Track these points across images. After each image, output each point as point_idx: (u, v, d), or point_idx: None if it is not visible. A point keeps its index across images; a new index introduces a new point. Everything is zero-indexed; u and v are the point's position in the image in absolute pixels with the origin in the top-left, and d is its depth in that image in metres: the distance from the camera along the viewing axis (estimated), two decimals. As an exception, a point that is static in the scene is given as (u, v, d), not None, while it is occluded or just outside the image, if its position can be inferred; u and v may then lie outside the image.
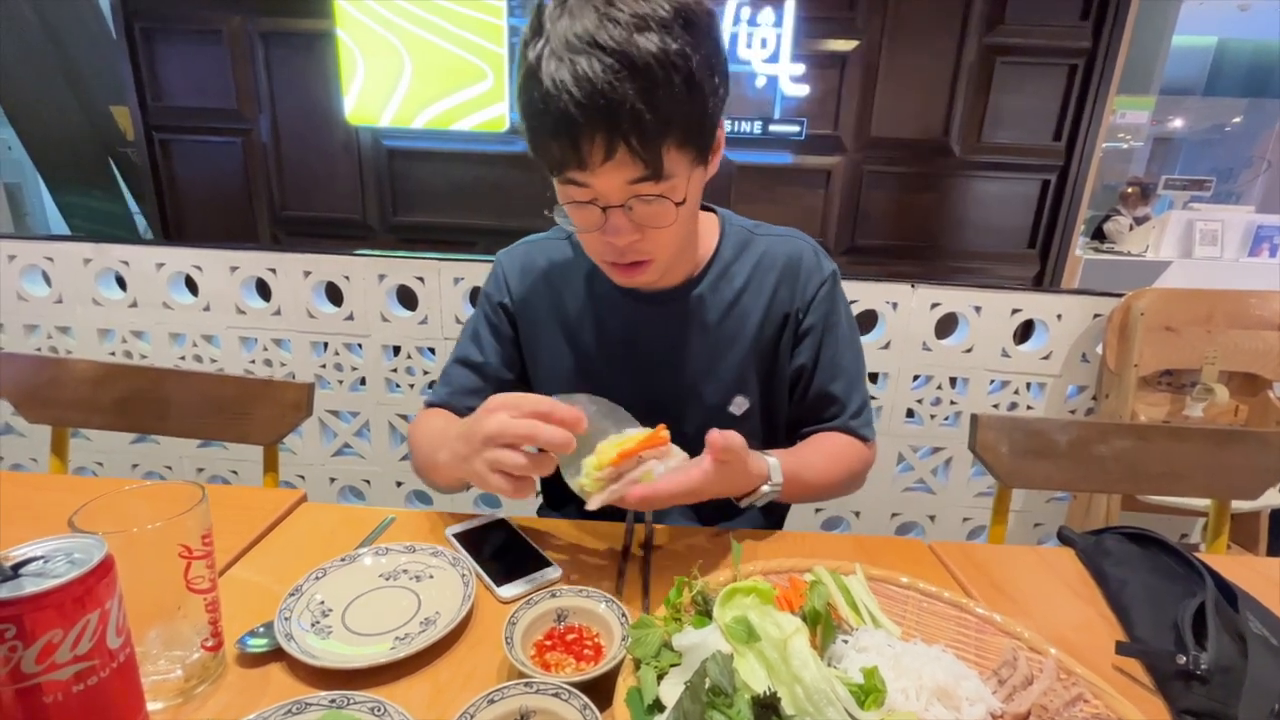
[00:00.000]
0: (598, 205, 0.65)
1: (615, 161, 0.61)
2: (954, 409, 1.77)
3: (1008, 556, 0.74)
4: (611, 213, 0.65)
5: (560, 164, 0.63)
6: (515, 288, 0.85)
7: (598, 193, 0.64)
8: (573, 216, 0.69)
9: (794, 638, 0.44)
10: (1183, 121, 6.84)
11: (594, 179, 0.63)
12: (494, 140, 2.83)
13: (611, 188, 0.63)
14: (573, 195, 0.66)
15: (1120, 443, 0.93)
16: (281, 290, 1.77)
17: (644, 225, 0.67)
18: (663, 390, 0.82)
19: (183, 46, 2.82)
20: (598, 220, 0.66)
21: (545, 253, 0.86)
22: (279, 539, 0.71)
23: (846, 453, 0.83)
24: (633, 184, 0.63)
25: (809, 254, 0.83)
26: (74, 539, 0.39)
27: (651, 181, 0.63)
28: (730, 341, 0.81)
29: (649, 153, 0.60)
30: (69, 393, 1.02)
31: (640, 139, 0.59)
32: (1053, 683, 0.49)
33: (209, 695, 0.49)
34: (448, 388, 0.85)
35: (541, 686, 0.46)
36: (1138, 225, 3.88)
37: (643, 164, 0.61)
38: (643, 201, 0.65)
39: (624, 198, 0.64)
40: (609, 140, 0.59)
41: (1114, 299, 1.62)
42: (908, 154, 2.78)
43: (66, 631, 0.36)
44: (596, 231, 0.68)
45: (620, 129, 0.59)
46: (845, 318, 0.84)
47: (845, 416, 0.84)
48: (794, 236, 0.85)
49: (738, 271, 0.82)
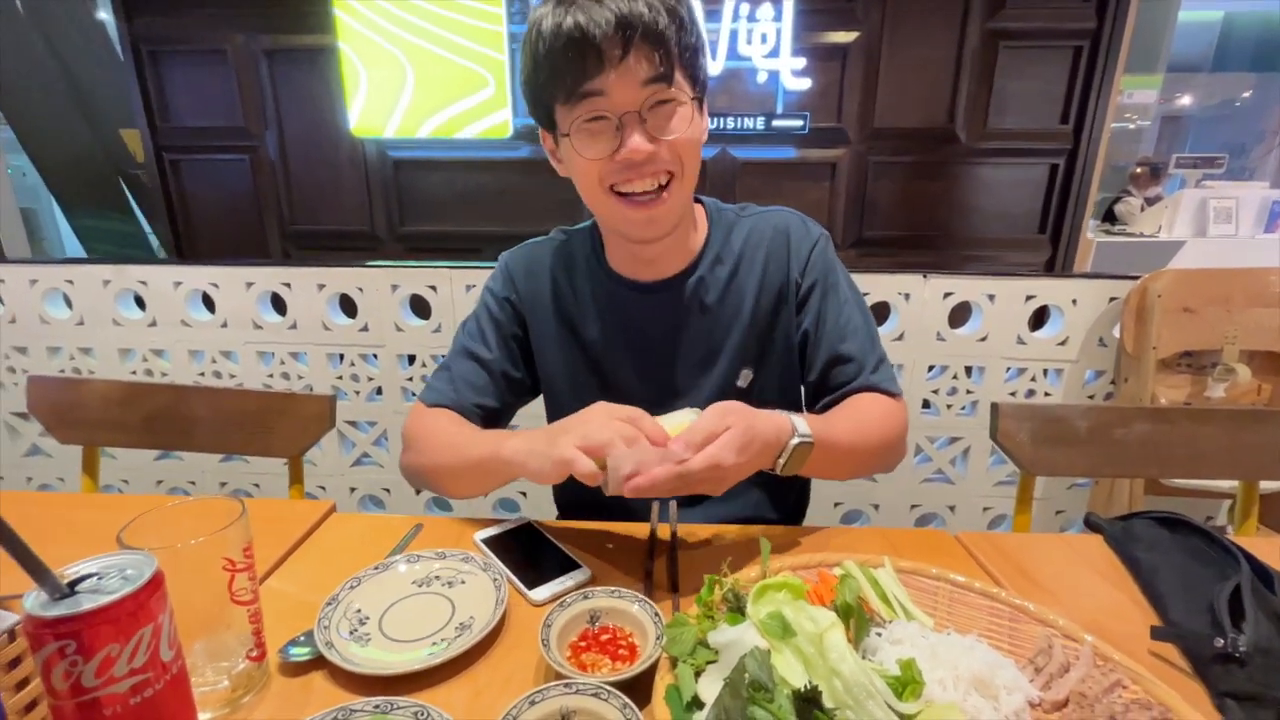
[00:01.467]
0: (613, 119, 0.66)
1: (632, 57, 0.64)
2: (970, 398, 1.76)
3: (1035, 544, 0.73)
4: (628, 122, 0.66)
5: (577, 76, 0.65)
6: (522, 285, 0.86)
7: (612, 102, 0.66)
8: (583, 144, 0.69)
9: (830, 632, 0.45)
10: (1191, 99, 6.75)
11: (610, 83, 0.65)
12: (498, 147, 2.84)
13: (627, 90, 0.65)
14: (585, 111, 0.67)
15: (1143, 426, 0.93)
16: (297, 304, 1.79)
17: (660, 136, 0.68)
18: (669, 375, 0.84)
19: (188, 67, 2.86)
20: (612, 141, 0.67)
21: (548, 252, 0.87)
22: (311, 549, 0.72)
23: (875, 411, 0.79)
24: (647, 84, 0.65)
25: (795, 223, 0.84)
26: (125, 556, 0.40)
27: (664, 83, 0.66)
28: (730, 319, 0.82)
29: (663, 48, 0.64)
30: (98, 413, 1.04)
31: (655, 36, 0.64)
32: (1090, 669, 0.49)
33: (255, 705, 0.50)
34: (452, 385, 0.83)
35: (581, 687, 0.46)
36: (1149, 206, 3.84)
37: (658, 58, 0.64)
38: (656, 109, 0.67)
39: (639, 101, 0.66)
40: (625, 36, 0.63)
41: (1130, 281, 1.61)
42: (913, 143, 2.76)
43: (123, 646, 0.37)
44: (611, 162, 0.69)
45: (634, 25, 0.63)
46: (844, 278, 0.84)
47: (865, 374, 0.81)
48: (779, 211, 0.86)
49: (729, 252, 0.83)
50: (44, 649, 0.35)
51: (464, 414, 0.82)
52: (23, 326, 1.86)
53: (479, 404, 0.83)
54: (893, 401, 0.81)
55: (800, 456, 0.66)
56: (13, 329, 1.86)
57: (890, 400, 0.81)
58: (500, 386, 0.85)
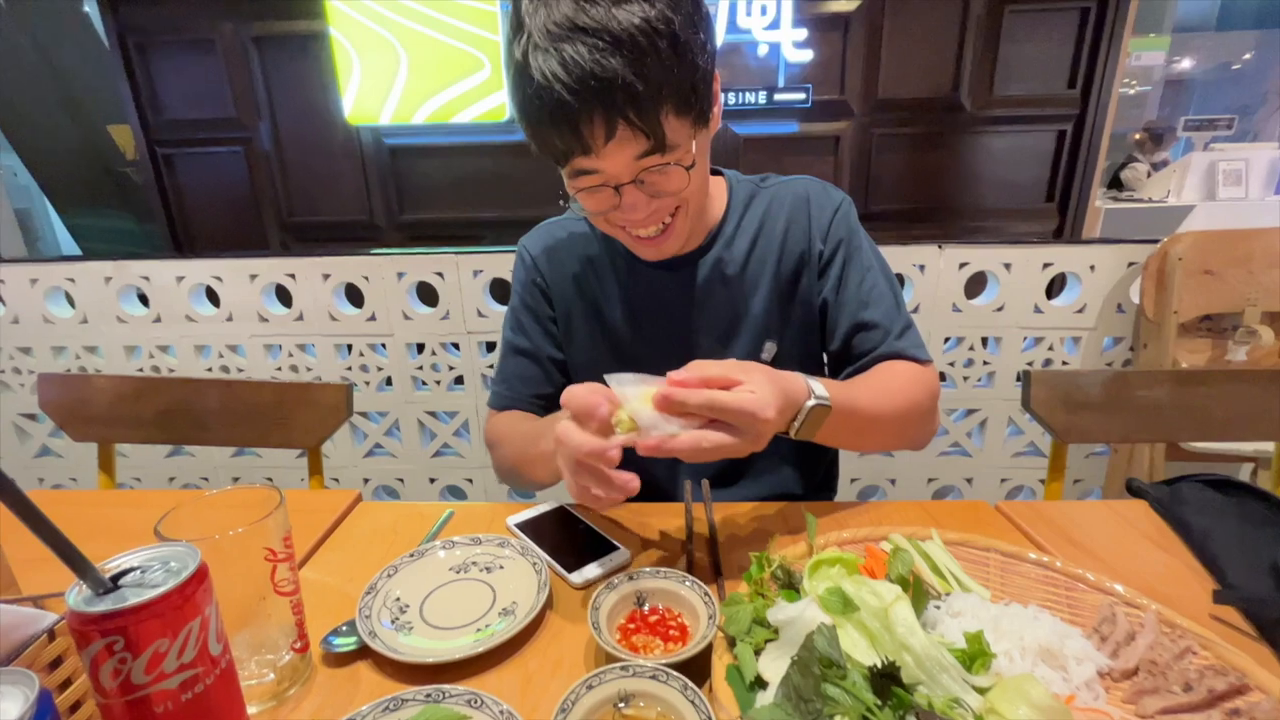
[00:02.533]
0: (609, 186, 0.65)
1: (618, 140, 0.60)
2: (987, 369, 1.75)
3: (1080, 512, 0.72)
4: (625, 190, 0.65)
5: (565, 153, 0.63)
6: (544, 266, 0.85)
7: (607, 175, 0.64)
8: (586, 204, 0.68)
9: (896, 605, 0.43)
10: (1192, 61, 6.64)
11: (600, 161, 0.63)
12: (495, 130, 2.79)
13: (619, 166, 0.63)
14: (582, 184, 0.66)
15: (1179, 390, 0.91)
16: (302, 295, 1.77)
17: (659, 194, 0.67)
18: (692, 352, 0.81)
19: (177, 59, 2.80)
20: (611, 201, 0.66)
21: (565, 231, 0.86)
22: (342, 539, 0.71)
23: (901, 377, 0.76)
24: (639, 159, 0.63)
25: (815, 189, 0.82)
26: (166, 548, 0.39)
27: (657, 154, 0.63)
28: (752, 291, 0.81)
29: (649, 124, 0.60)
30: (110, 409, 1.02)
31: (638, 112, 0.59)
32: (1158, 636, 0.48)
33: (302, 697, 0.49)
34: (507, 385, 0.86)
35: (638, 669, 0.45)
36: (1156, 171, 3.78)
37: (645, 137, 0.61)
38: (653, 174, 0.64)
39: (633, 174, 0.64)
40: (607, 119, 0.59)
41: (1149, 246, 1.58)
42: (917, 114, 2.72)
43: (172, 641, 0.35)
44: (613, 212, 0.68)
45: (616, 105, 0.58)
46: (866, 243, 0.82)
47: (889, 340, 0.77)
48: (799, 179, 0.84)
49: (748, 224, 0.81)
50: (91, 646, 0.34)
51: (527, 409, 0.83)
52: (26, 327, 1.84)
53: (536, 395, 0.84)
54: (920, 368, 0.77)
55: (816, 420, 0.62)
56: (15, 329, 1.84)
57: (918, 366, 0.77)
58: (551, 373, 0.85)
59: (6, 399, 1.90)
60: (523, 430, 0.79)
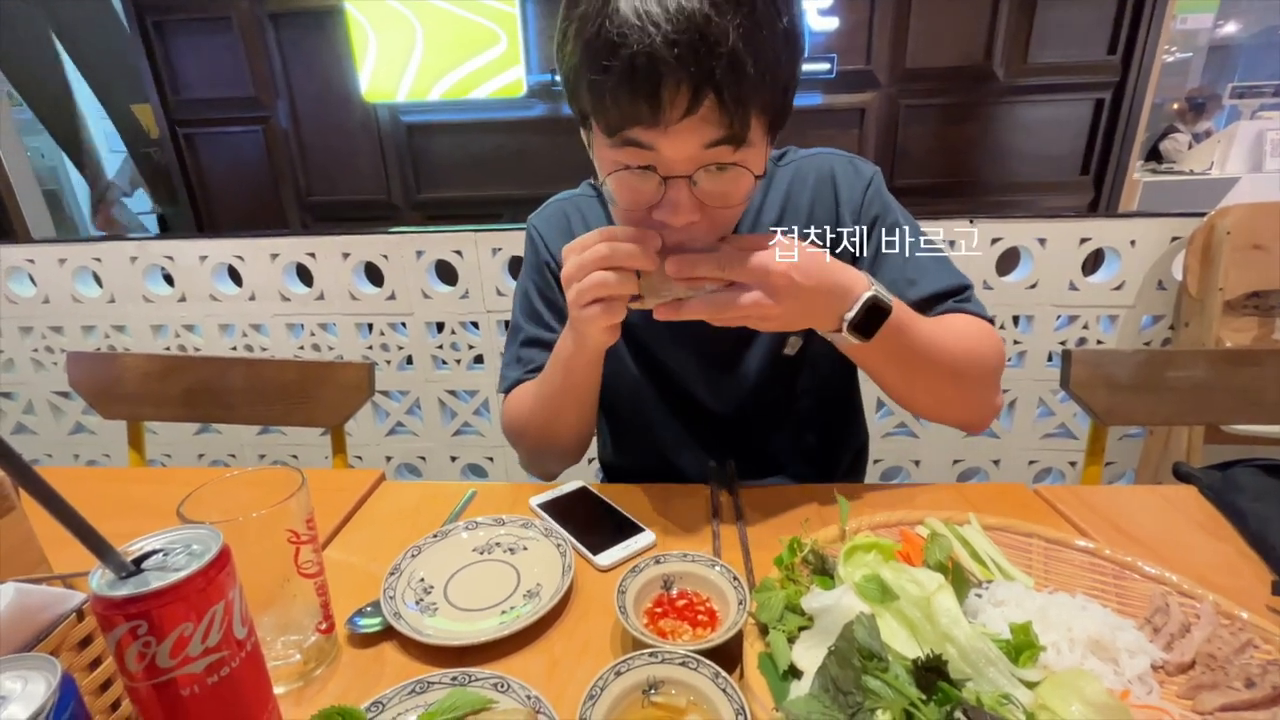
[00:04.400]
0: (656, 174, 0.54)
1: (698, 116, 0.50)
2: (1018, 349, 1.69)
3: (1124, 497, 0.69)
4: (673, 184, 0.54)
5: (625, 119, 0.52)
6: (555, 248, 0.81)
7: (661, 158, 0.53)
8: (620, 191, 0.57)
9: (938, 594, 0.41)
10: (1238, 25, 6.28)
11: (663, 139, 0.52)
12: (513, 106, 2.75)
13: (682, 151, 0.53)
14: (626, 160, 0.55)
15: (1228, 371, 0.87)
16: (323, 274, 1.77)
17: (707, 204, 0.56)
18: (712, 347, 0.78)
19: (195, 37, 2.79)
20: (652, 194, 0.55)
21: (576, 209, 0.81)
22: (365, 519, 0.71)
23: (968, 327, 0.68)
24: (709, 148, 0.53)
25: (841, 164, 0.76)
26: (188, 530, 0.38)
27: (730, 147, 0.53)
28: None
29: (739, 110, 0.50)
30: (138, 387, 1.03)
31: (733, 91, 0.49)
32: (1215, 629, 0.45)
33: (328, 677, 0.48)
34: (521, 369, 0.81)
35: (667, 656, 0.44)
36: (1198, 142, 3.62)
37: (728, 123, 0.51)
38: (713, 173, 0.54)
39: (693, 165, 0.53)
40: (696, 88, 0.49)
41: (1194, 219, 1.51)
42: (947, 83, 2.61)
43: (196, 625, 0.35)
44: (645, 211, 0.57)
45: (714, 75, 0.48)
46: (903, 216, 0.75)
47: (950, 300, 0.70)
48: (822, 153, 0.77)
49: (770, 206, 0.76)
50: (115, 630, 0.33)
51: None
52: (56, 306, 1.87)
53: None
54: (987, 325, 0.70)
55: (873, 320, 0.57)
56: (47, 309, 1.87)
57: (984, 323, 0.70)
58: None
59: (40, 377, 1.94)
60: (533, 388, 0.75)
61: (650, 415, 0.83)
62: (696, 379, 0.80)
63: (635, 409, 0.83)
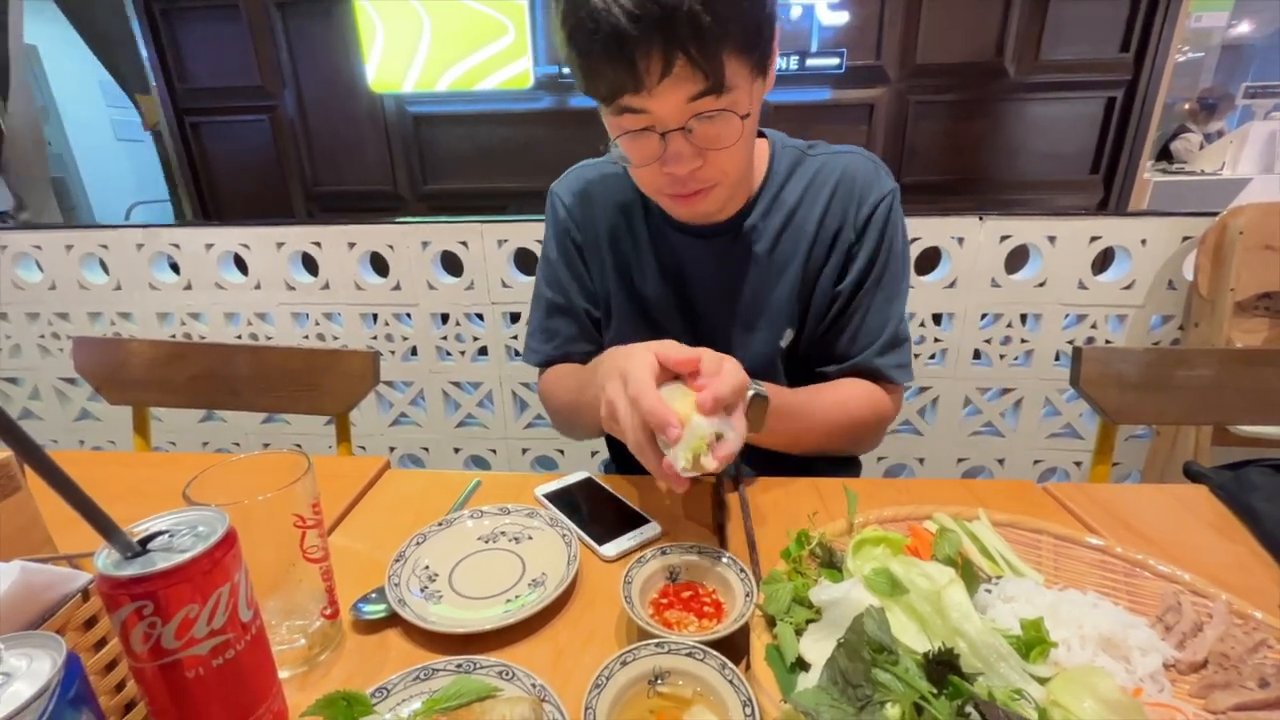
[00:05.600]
0: (655, 131, 0.61)
1: (674, 76, 0.56)
2: (1025, 348, 1.68)
3: (1134, 496, 0.68)
4: (671, 137, 0.61)
5: (614, 89, 0.58)
6: (577, 217, 0.81)
7: (655, 117, 0.60)
8: (628, 150, 0.64)
9: (949, 589, 0.41)
10: (1251, 25, 6.20)
11: (651, 101, 0.58)
12: (520, 98, 2.74)
13: (670, 108, 0.59)
14: (627, 125, 0.62)
15: (1241, 370, 0.86)
16: (328, 263, 1.77)
17: (706, 148, 0.62)
18: (715, 326, 0.79)
19: (202, 25, 2.78)
20: (656, 150, 0.62)
21: (600, 179, 0.82)
22: (370, 506, 0.71)
23: (862, 398, 0.76)
24: (693, 101, 0.58)
25: (867, 168, 0.76)
26: (194, 512, 0.38)
27: (712, 95, 0.58)
28: (783, 270, 0.76)
29: (710, 62, 0.56)
30: (144, 373, 1.03)
31: (699, 47, 0.55)
32: (1229, 628, 0.45)
33: (333, 662, 0.48)
34: (549, 341, 0.83)
35: (674, 646, 0.44)
36: (1209, 142, 3.59)
37: (703, 76, 0.57)
38: (704, 120, 0.60)
39: (684, 118, 0.60)
40: (666, 52, 0.55)
41: (1206, 219, 1.49)
42: (957, 80, 2.59)
43: (202, 606, 0.34)
44: (654, 164, 0.63)
45: (678, 38, 0.54)
46: (901, 242, 0.77)
47: (871, 352, 0.76)
48: (852, 152, 0.78)
49: (789, 194, 0.76)
50: (121, 610, 0.33)
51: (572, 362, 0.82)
52: (63, 293, 1.87)
53: (582, 352, 0.82)
54: (883, 395, 0.77)
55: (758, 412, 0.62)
56: (53, 295, 1.87)
57: (880, 393, 0.77)
58: (588, 329, 0.83)
59: (47, 363, 1.95)
60: (572, 383, 0.77)
61: None
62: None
63: None
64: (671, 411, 0.51)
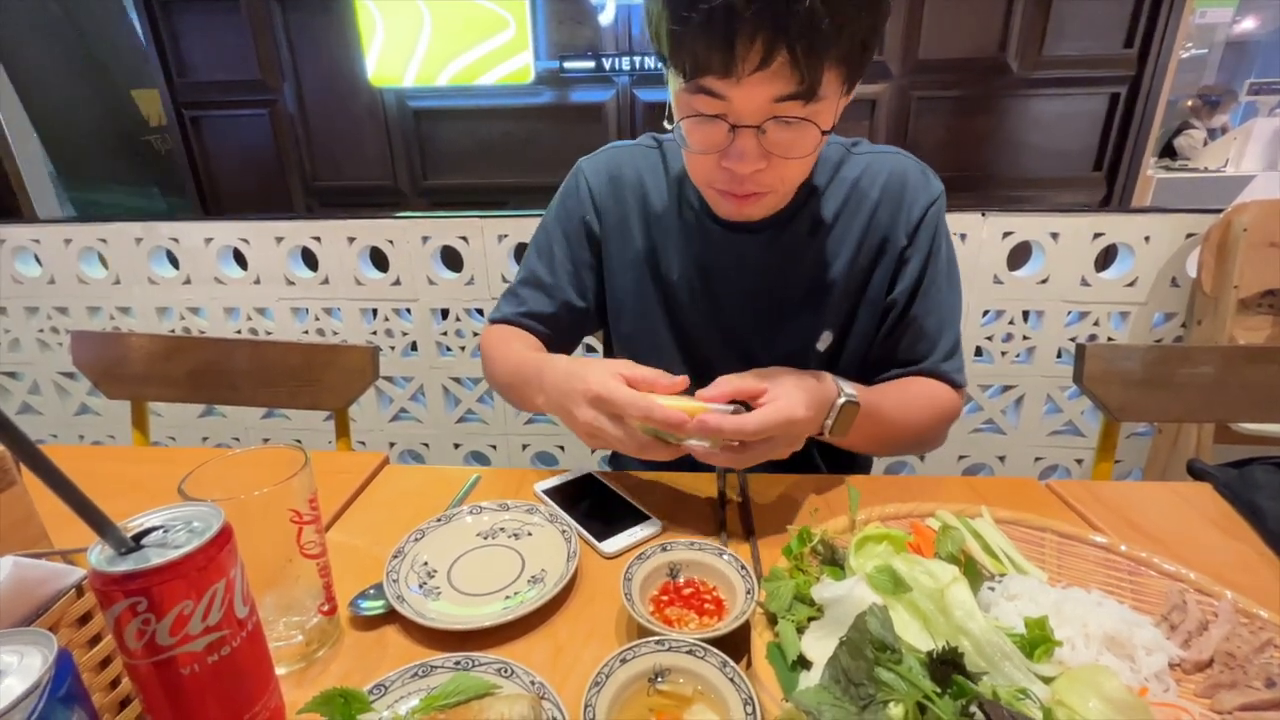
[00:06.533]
0: (727, 122, 0.57)
1: (769, 71, 0.52)
2: (1026, 344, 1.68)
3: (1138, 493, 0.68)
4: (741, 133, 0.57)
5: (699, 66, 0.54)
6: (601, 200, 0.78)
7: (733, 107, 0.56)
8: (690, 133, 0.60)
9: (952, 587, 0.40)
10: (1256, 22, 6.17)
11: (735, 90, 0.54)
12: (520, 93, 2.73)
13: (752, 103, 0.55)
14: (699, 107, 0.57)
15: (1246, 368, 0.85)
16: (328, 258, 1.76)
17: (775, 153, 0.58)
18: (746, 326, 0.77)
19: (201, 18, 2.77)
20: (721, 141, 0.58)
21: (632, 162, 0.78)
22: (368, 502, 0.70)
23: (933, 397, 0.75)
24: (779, 101, 0.54)
25: (914, 172, 0.74)
26: (189, 508, 0.37)
27: (800, 101, 0.54)
28: (822, 272, 0.74)
29: (811, 65, 0.52)
30: (142, 367, 1.03)
31: (807, 46, 0.51)
32: (1234, 627, 0.44)
33: (330, 659, 0.48)
34: (517, 308, 0.81)
35: (674, 644, 0.43)
36: (1213, 139, 3.57)
37: (799, 78, 0.52)
38: (781, 124, 0.56)
39: (762, 117, 0.56)
40: (770, 43, 0.51)
41: (1210, 216, 1.49)
42: (960, 75, 2.58)
43: (196, 603, 0.34)
44: (714, 154, 0.60)
45: (788, 31, 0.50)
46: (947, 246, 0.76)
47: (935, 358, 0.75)
48: (896, 153, 0.76)
49: (832, 194, 0.74)
50: (114, 606, 0.33)
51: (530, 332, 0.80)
52: (62, 287, 1.86)
53: (542, 331, 0.81)
54: (953, 394, 0.77)
55: (847, 418, 0.62)
56: (52, 289, 1.87)
57: (951, 393, 0.76)
58: (563, 317, 0.81)
59: (46, 358, 1.94)
60: (513, 355, 0.74)
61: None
62: (724, 358, 0.78)
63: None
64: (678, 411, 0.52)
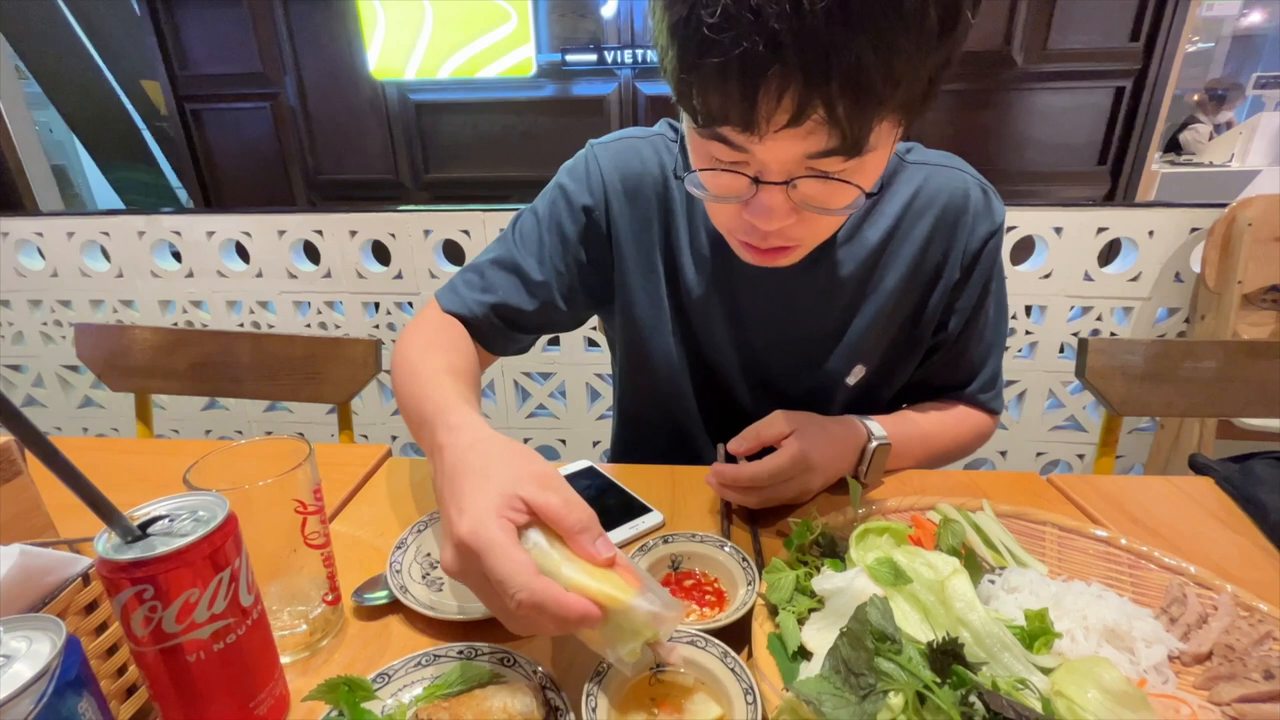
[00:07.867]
0: (747, 175, 0.46)
1: (801, 129, 0.41)
2: (1029, 339, 1.68)
3: (1139, 487, 0.68)
4: (765, 189, 0.46)
5: (715, 115, 0.43)
6: (615, 191, 0.67)
7: (756, 160, 0.45)
8: (707, 180, 0.50)
9: (953, 578, 0.41)
10: (1263, 15, 6.13)
11: (757, 146, 0.44)
12: (522, 86, 2.72)
13: (780, 160, 0.44)
14: (716, 154, 0.46)
15: (1250, 363, 0.85)
16: (330, 252, 1.76)
17: (807, 206, 0.47)
18: (770, 353, 0.70)
19: (203, 11, 2.76)
20: (743, 191, 0.47)
21: (648, 155, 0.67)
22: (371, 493, 0.70)
23: (964, 422, 0.74)
24: (814, 158, 0.44)
25: (976, 194, 0.66)
26: (195, 497, 0.38)
27: (841, 157, 0.43)
28: (864, 299, 0.67)
29: (855, 125, 0.41)
30: (146, 360, 1.03)
31: (851, 106, 0.40)
32: (1234, 620, 0.44)
33: (334, 648, 0.48)
34: (482, 296, 0.66)
35: (675, 634, 0.43)
36: (1218, 133, 3.55)
37: (840, 136, 0.41)
38: (816, 180, 0.45)
39: (791, 173, 0.45)
40: (802, 99, 0.39)
41: (1215, 210, 1.48)
42: (964, 68, 2.56)
43: (202, 590, 0.34)
44: (736, 207, 0.50)
45: (825, 89, 0.39)
46: (999, 276, 0.71)
47: (974, 387, 0.73)
48: (957, 168, 0.67)
49: (885, 211, 0.65)
50: (121, 594, 0.33)
51: (476, 329, 0.67)
52: (64, 280, 1.87)
53: (498, 328, 0.68)
54: (988, 421, 0.76)
55: (880, 460, 0.63)
56: (55, 282, 1.87)
57: (986, 419, 0.76)
58: (534, 318, 0.69)
59: (49, 350, 1.95)
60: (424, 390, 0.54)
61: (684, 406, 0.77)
62: (740, 383, 0.74)
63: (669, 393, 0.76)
64: (578, 598, 0.34)
